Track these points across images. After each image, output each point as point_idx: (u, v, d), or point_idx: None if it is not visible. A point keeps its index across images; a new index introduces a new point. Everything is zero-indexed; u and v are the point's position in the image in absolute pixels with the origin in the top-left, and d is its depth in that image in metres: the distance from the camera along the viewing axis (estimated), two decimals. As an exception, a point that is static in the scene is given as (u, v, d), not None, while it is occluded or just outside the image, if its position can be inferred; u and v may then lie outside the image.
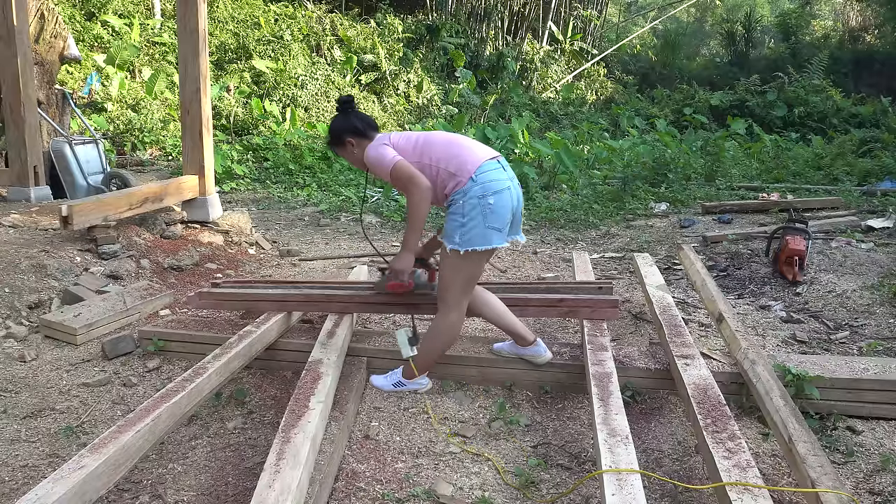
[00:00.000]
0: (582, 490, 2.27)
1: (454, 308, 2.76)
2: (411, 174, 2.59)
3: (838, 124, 14.66)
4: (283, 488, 1.85)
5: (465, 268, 2.68)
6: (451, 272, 2.71)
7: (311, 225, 6.83)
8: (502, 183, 2.63)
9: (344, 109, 2.81)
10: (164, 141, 10.46)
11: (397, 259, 2.80)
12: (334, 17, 15.23)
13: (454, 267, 2.68)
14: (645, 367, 2.91)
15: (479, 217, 2.58)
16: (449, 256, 2.67)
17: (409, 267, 2.81)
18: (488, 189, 2.58)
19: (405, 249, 2.77)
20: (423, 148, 2.68)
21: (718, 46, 24.32)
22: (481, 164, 2.62)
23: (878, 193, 7.59)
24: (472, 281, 2.75)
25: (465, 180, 2.60)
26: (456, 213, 2.62)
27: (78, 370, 3.18)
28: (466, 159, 2.63)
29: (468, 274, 2.71)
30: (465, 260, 2.65)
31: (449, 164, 2.63)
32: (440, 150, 2.67)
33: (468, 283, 2.74)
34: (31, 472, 2.36)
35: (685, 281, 4.58)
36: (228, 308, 3.53)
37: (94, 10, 13.01)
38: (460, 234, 2.61)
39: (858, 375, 2.66)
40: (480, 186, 2.58)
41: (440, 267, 2.78)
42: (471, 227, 2.59)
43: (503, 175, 2.66)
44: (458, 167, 2.62)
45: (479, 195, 2.58)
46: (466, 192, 2.59)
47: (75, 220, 4.20)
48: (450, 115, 13.95)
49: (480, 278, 2.85)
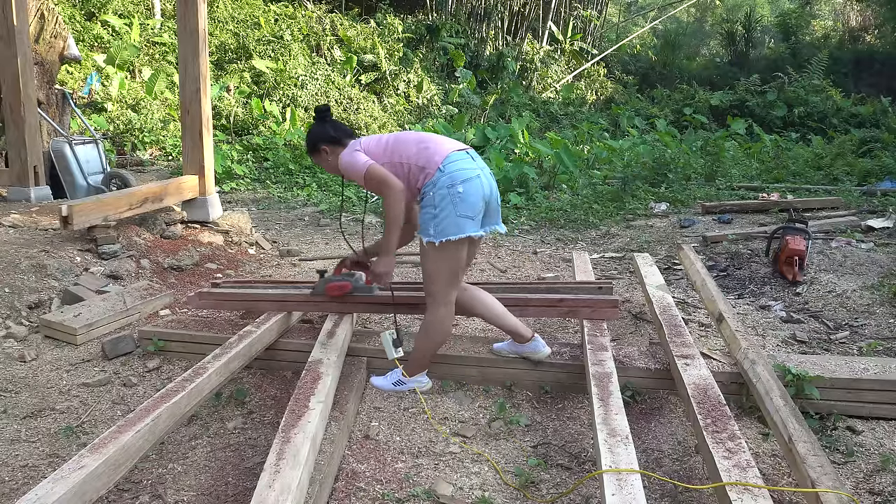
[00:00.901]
0: (582, 490, 2.27)
1: (442, 302, 2.77)
2: (383, 177, 2.65)
3: (838, 124, 14.66)
4: (283, 488, 1.85)
5: (445, 259, 2.70)
6: (432, 265, 2.73)
7: (311, 225, 6.83)
8: (471, 171, 2.67)
9: (320, 118, 2.86)
10: (164, 141, 10.45)
11: (378, 262, 2.84)
12: (334, 17, 15.23)
13: (433, 260, 2.71)
14: (645, 367, 2.91)
15: (449, 206, 2.61)
16: (427, 250, 2.69)
17: (391, 269, 2.84)
18: (456, 178, 2.62)
19: (385, 252, 2.80)
20: (392, 148, 2.74)
21: (718, 46, 24.31)
22: (448, 154, 2.68)
23: (878, 193, 7.59)
24: (455, 273, 2.76)
25: (433, 171, 2.65)
26: (427, 205, 2.67)
27: (78, 370, 3.18)
28: (434, 151, 2.69)
29: (449, 265, 2.72)
30: (443, 251, 2.67)
31: (418, 160, 2.69)
32: (409, 148, 2.72)
33: (452, 276, 2.75)
34: (31, 472, 2.36)
35: (685, 281, 4.58)
36: (228, 308, 3.53)
37: (94, 10, 13.01)
38: (434, 226, 2.64)
39: (858, 375, 2.66)
40: (448, 176, 2.63)
41: (421, 263, 2.80)
42: (443, 217, 2.62)
43: (471, 164, 2.71)
44: (427, 160, 2.67)
45: (447, 185, 2.62)
46: (436, 183, 2.64)
47: (75, 220, 4.20)
48: (450, 115, 13.94)
49: (480, 278, 2.85)
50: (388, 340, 2.92)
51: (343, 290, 3.14)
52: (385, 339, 2.93)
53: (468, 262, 2.94)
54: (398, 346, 2.92)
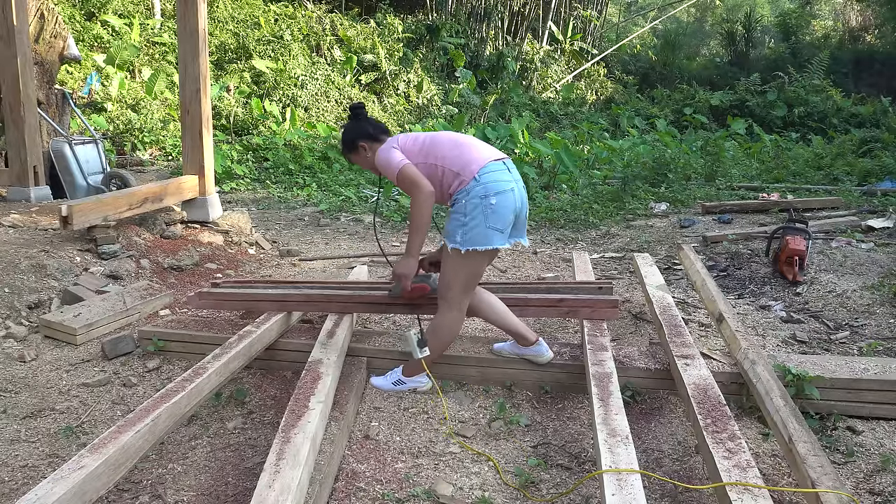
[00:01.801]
0: (582, 490, 2.27)
1: (455, 307, 2.77)
2: (415, 179, 2.60)
3: (838, 124, 14.67)
4: (283, 488, 1.85)
5: (466, 267, 2.69)
6: (452, 271, 2.71)
7: (311, 225, 6.83)
8: (506, 184, 2.63)
9: (356, 115, 2.83)
10: (164, 141, 10.46)
11: (400, 264, 2.80)
12: (334, 17, 15.23)
13: (455, 266, 2.69)
14: (645, 367, 2.91)
15: (480, 217, 2.59)
16: (450, 255, 2.68)
17: (413, 271, 2.80)
18: (491, 189, 2.59)
19: (408, 254, 2.76)
20: (428, 148, 2.69)
21: (718, 46, 24.31)
22: (485, 164, 2.63)
23: (878, 193, 7.59)
24: (473, 280, 2.76)
25: (468, 180, 2.60)
26: (458, 212, 2.64)
27: (78, 370, 3.18)
28: (471, 159, 2.64)
29: (469, 273, 2.71)
30: (466, 259, 2.65)
31: (453, 164, 2.64)
32: (445, 150, 2.68)
33: (469, 283, 2.75)
34: (31, 472, 2.36)
35: (685, 281, 4.58)
36: (228, 308, 3.53)
37: (94, 10, 13.01)
38: (461, 234, 2.62)
39: (858, 375, 2.66)
40: (483, 186, 2.59)
41: (442, 266, 2.79)
42: (472, 226, 2.60)
43: (507, 176, 2.66)
44: (462, 167, 2.63)
45: (481, 195, 2.58)
46: (469, 192, 2.60)
47: (75, 220, 4.20)
48: (450, 115, 13.95)
49: (481, 278, 2.85)
50: (412, 340, 2.84)
51: (422, 291, 2.99)
52: (410, 338, 2.86)
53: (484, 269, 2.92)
54: (423, 346, 2.84)
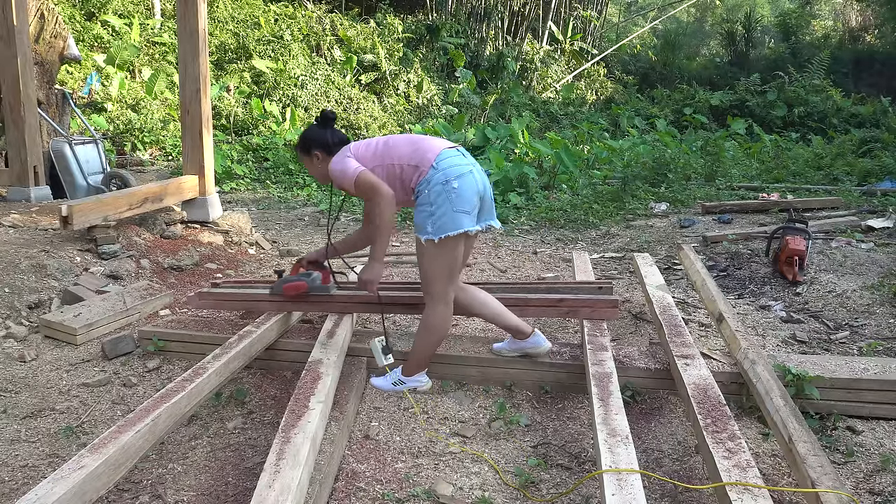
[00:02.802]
0: (582, 490, 2.27)
1: (440, 300, 2.78)
2: (373, 183, 2.65)
3: (838, 124, 14.66)
4: (283, 488, 1.85)
5: (443, 256, 2.70)
6: (430, 264, 2.73)
7: (310, 225, 6.83)
8: (463, 167, 2.68)
9: (324, 122, 2.84)
10: (164, 141, 10.46)
11: (366, 270, 2.81)
12: (334, 17, 15.23)
13: (432, 257, 2.71)
14: (645, 367, 2.91)
15: (445, 203, 2.62)
16: (425, 249, 2.70)
17: (379, 277, 2.82)
18: (450, 174, 2.64)
19: (373, 259, 2.78)
20: (383, 151, 2.74)
21: (718, 46, 24.31)
22: (440, 151, 2.70)
23: (878, 193, 7.58)
24: (453, 270, 2.76)
25: (426, 169, 2.66)
26: (423, 202, 2.68)
27: (78, 370, 3.18)
28: (426, 149, 2.71)
29: (447, 263, 2.72)
30: (441, 248, 2.67)
31: (411, 159, 2.70)
32: (400, 149, 2.73)
33: (450, 273, 2.76)
34: (31, 472, 2.36)
35: (685, 281, 4.58)
36: (228, 308, 3.53)
37: (94, 10, 13.01)
38: (431, 223, 2.65)
39: (858, 375, 2.66)
40: (442, 172, 2.64)
41: (419, 262, 2.80)
42: (440, 213, 2.63)
43: (463, 160, 2.73)
44: (419, 159, 2.69)
45: (442, 181, 2.63)
46: (430, 181, 2.65)
47: (75, 220, 4.20)
48: (450, 115, 13.94)
49: (480, 278, 2.85)
50: (377, 347, 2.92)
51: (299, 289, 3.15)
52: (374, 346, 2.93)
53: (465, 261, 2.94)
54: (388, 353, 2.92)
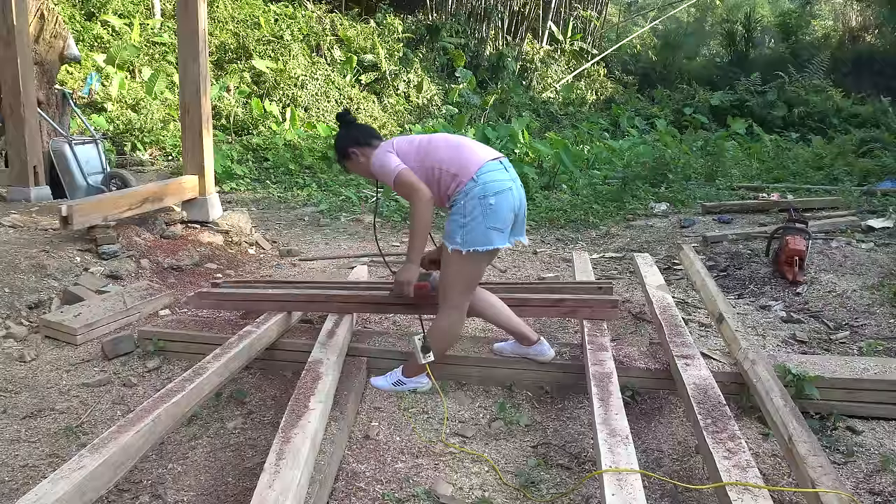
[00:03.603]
0: (582, 490, 2.27)
1: (455, 308, 2.77)
2: (413, 183, 2.60)
3: (838, 124, 14.63)
4: (283, 488, 1.85)
5: (467, 268, 2.69)
6: (453, 273, 2.71)
7: (311, 225, 6.83)
8: (504, 184, 2.63)
9: (344, 123, 2.84)
10: (164, 141, 10.45)
11: (402, 270, 2.79)
12: (334, 17, 15.22)
13: (456, 268, 2.69)
14: (645, 367, 2.91)
15: (479, 217, 2.59)
16: (450, 257, 2.68)
17: (414, 278, 2.79)
18: (489, 189, 2.59)
19: (409, 260, 2.76)
20: (425, 151, 2.69)
21: (718, 46, 24.28)
22: (483, 164, 2.63)
23: (878, 193, 7.57)
24: (473, 281, 2.76)
25: (466, 181, 2.60)
26: (457, 213, 2.63)
27: (78, 370, 3.18)
28: (468, 160, 2.64)
29: (470, 274, 2.71)
30: (467, 260, 2.65)
31: (451, 166, 2.64)
32: (442, 153, 2.68)
33: (470, 284, 2.75)
34: (31, 472, 2.36)
35: (685, 281, 4.57)
36: (228, 308, 3.53)
37: (94, 10, 13.00)
38: (462, 235, 2.62)
39: (858, 375, 2.66)
40: (481, 187, 2.59)
41: (442, 268, 2.78)
42: (472, 227, 2.60)
43: (505, 175, 2.66)
44: (460, 168, 2.63)
45: (480, 195, 2.58)
46: (468, 193, 2.60)
47: (75, 220, 4.20)
48: (450, 115, 13.94)
49: (481, 279, 2.85)
50: (417, 345, 2.82)
51: (424, 290, 2.99)
52: (414, 343, 2.83)
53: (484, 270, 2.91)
54: (427, 352, 2.82)
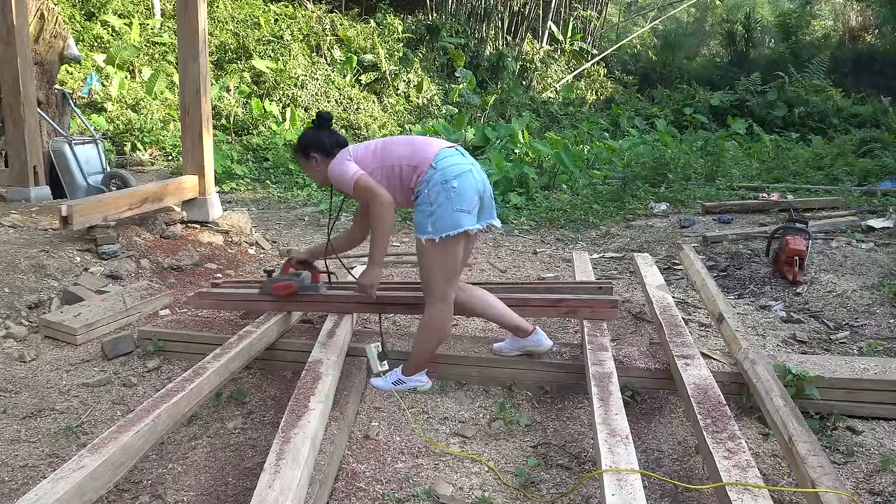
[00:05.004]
0: (582, 490, 2.27)
1: (440, 300, 2.77)
2: (372, 188, 2.66)
3: (838, 124, 14.64)
4: (283, 488, 1.85)
5: (443, 256, 2.70)
6: (430, 263, 2.73)
7: (311, 225, 6.83)
8: (462, 166, 2.69)
9: (320, 124, 2.85)
10: (164, 141, 10.45)
11: (365, 274, 2.83)
12: (334, 17, 15.23)
13: (432, 257, 2.71)
14: (645, 367, 2.91)
15: (445, 202, 2.63)
16: (425, 248, 2.70)
17: (377, 281, 2.84)
18: (449, 173, 2.64)
19: (372, 264, 2.80)
20: (382, 152, 2.75)
21: (718, 46, 24.28)
22: (439, 151, 2.70)
23: (878, 193, 7.57)
24: (454, 270, 2.76)
25: (425, 169, 2.67)
26: (423, 202, 2.68)
27: (78, 370, 3.18)
28: (425, 150, 2.71)
29: (447, 262, 2.72)
30: (442, 248, 2.67)
31: (410, 160, 2.71)
32: (400, 150, 2.74)
33: (451, 273, 2.76)
34: (31, 472, 2.36)
35: (685, 281, 4.58)
36: (228, 308, 3.53)
37: (94, 10, 13.01)
38: (432, 223, 2.65)
39: (858, 375, 2.66)
40: (441, 172, 2.65)
41: (419, 262, 2.80)
42: (440, 213, 2.63)
43: (462, 160, 2.73)
44: (419, 160, 2.69)
45: (441, 180, 2.63)
46: (429, 181, 2.65)
47: (75, 220, 4.20)
48: (450, 115, 13.94)
49: (480, 278, 2.86)
50: (373, 353, 2.93)
51: (289, 289, 3.16)
52: (370, 351, 2.94)
53: (465, 260, 2.94)
54: (384, 360, 2.93)
